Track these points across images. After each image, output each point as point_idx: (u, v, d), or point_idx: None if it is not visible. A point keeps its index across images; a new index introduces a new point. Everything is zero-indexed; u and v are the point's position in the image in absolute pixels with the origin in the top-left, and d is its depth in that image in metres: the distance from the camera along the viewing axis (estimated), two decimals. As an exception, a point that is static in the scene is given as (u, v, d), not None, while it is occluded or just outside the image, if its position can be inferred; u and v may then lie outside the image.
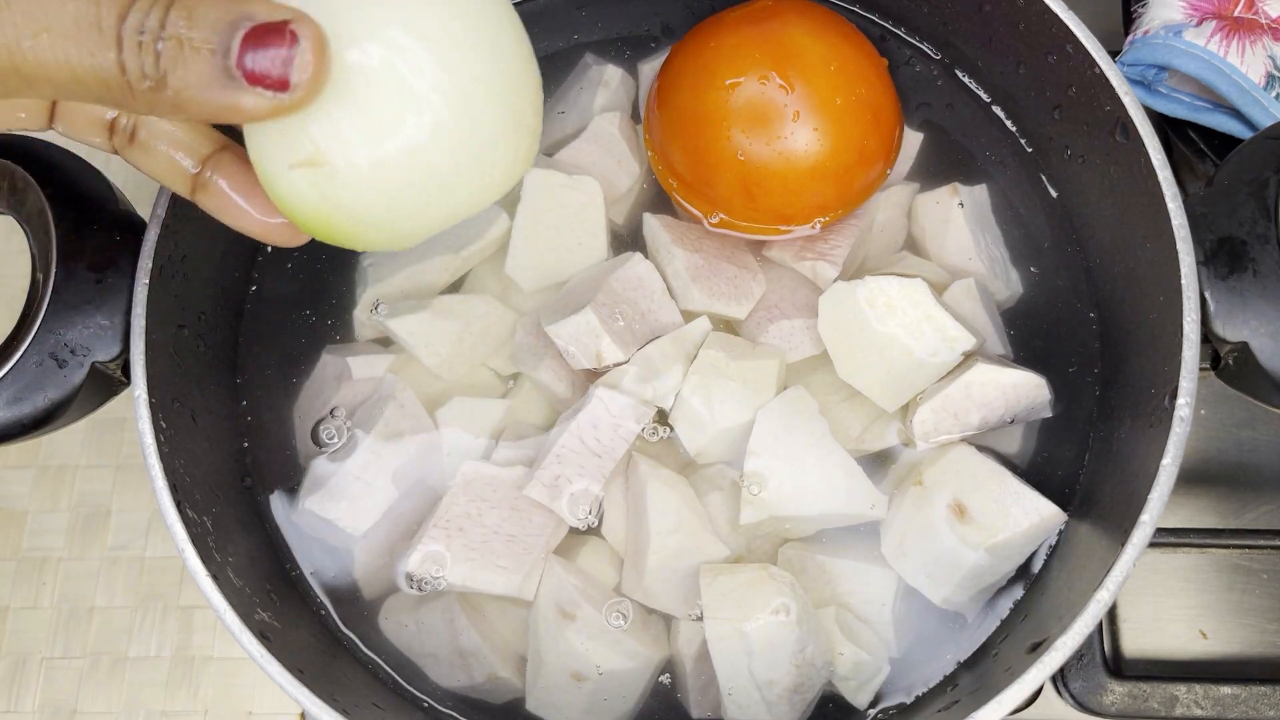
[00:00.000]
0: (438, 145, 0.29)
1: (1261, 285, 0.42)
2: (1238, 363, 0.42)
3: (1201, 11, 0.57)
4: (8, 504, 0.64)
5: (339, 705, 0.41)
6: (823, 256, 0.51)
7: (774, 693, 0.45)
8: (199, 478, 0.45)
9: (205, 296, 0.49)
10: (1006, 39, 0.51)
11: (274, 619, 0.44)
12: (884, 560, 0.47)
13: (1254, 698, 0.54)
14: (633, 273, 0.49)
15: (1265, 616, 0.58)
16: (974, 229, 0.52)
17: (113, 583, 0.62)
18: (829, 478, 0.47)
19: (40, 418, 0.43)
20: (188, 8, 0.27)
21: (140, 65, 0.27)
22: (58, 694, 0.61)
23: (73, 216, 0.44)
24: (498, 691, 0.48)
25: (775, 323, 0.49)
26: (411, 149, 0.29)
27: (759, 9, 0.50)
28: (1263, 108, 0.55)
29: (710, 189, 0.50)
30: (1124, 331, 0.49)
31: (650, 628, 0.47)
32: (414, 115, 0.29)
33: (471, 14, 0.29)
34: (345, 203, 0.30)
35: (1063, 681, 0.55)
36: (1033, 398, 0.48)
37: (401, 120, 0.29)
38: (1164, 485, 0.41)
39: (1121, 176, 0.47)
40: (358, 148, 0.29)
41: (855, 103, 0.48)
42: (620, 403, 0.47)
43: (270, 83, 0.27)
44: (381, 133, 0.29)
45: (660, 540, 0.46)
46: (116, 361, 0.44)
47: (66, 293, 0.43)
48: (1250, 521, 0.59)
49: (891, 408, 0.48)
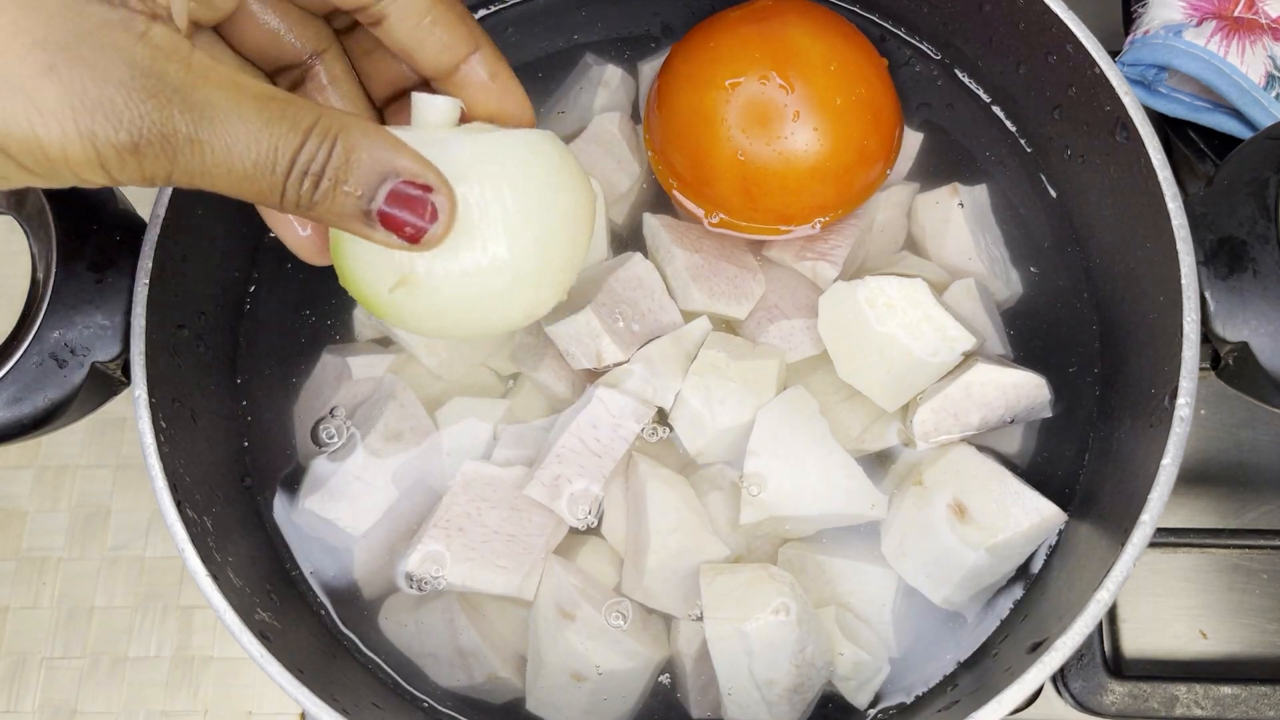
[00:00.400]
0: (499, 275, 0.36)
1: (1261, 285, 0.42)
2: (1238, 363, 0.42)
3: (1201, 11, 0.57)
4: (8, 504, 0.64)
5: (339, 705, 0.41)
6: (823, 256, 0.51)
7: (774, 693, 0.45)
8: (199, 478, 0.45)
9: (205, 296, 0.49)
10: (1006, 39, 0.51)
11: (274, 619, 0.44)
12: (884, 560, 0.47)
13: (1254, 698, 0.54)
14: (632, 273, 0.49)
15: (1265, 616, 0.58)
16: (974, 229, 0.51)
17: (113, 583, 0.62)
18: (829, 478, 0.47)
19: (40, 418, 0.43)
20: (347, 151, 0.31)
21: (297, 194, 0.31)
22: (58, 694, 0.61)
23: (73, 216, 0.44)
24: (498, 691, 0.48)
25: (775, 323, 0.49)
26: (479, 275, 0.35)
27: (759, 9, 0.50)
28: (1263, 108, 0.55)
29: (710, 189, 0.50)
30: (1124, 331, 0.49)
31: (650, 628, 0.47)
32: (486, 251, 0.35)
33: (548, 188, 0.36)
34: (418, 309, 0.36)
35: (1063, 681, 0.55)
36: (1033, 398, 0.48)
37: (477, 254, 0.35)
38: (1164, 485, 0.41)
39: (1121, 176, 0.47)
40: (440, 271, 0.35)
41: (855, 103, 0.48)
42: (620, 402, 0.47)
43: (403, 235, 0.33)
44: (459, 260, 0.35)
45: (660, 540, 0.46)
46: (116, 361, 0.44)
47: (66, 293, 0.43)
48: (1250, 521, 0.59)
49: (891, 408, 0.48)
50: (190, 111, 0.28)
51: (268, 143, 0.30)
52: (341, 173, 0.31)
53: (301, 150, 0.30)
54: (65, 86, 0.26)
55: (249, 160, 0.29)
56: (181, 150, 0.28)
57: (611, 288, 0.48)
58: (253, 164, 0.30)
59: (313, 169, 0.31)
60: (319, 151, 0.31)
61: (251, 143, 0.29)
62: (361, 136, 0.32)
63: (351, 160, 0.31)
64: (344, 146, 0.31)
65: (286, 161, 0.30)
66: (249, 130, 0.29)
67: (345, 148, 0.31)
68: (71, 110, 0.26)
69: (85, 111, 0.27)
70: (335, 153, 0.31)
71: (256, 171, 0.30)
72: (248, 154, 0.29)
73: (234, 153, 0.29)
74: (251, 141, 0.29)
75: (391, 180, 0.32)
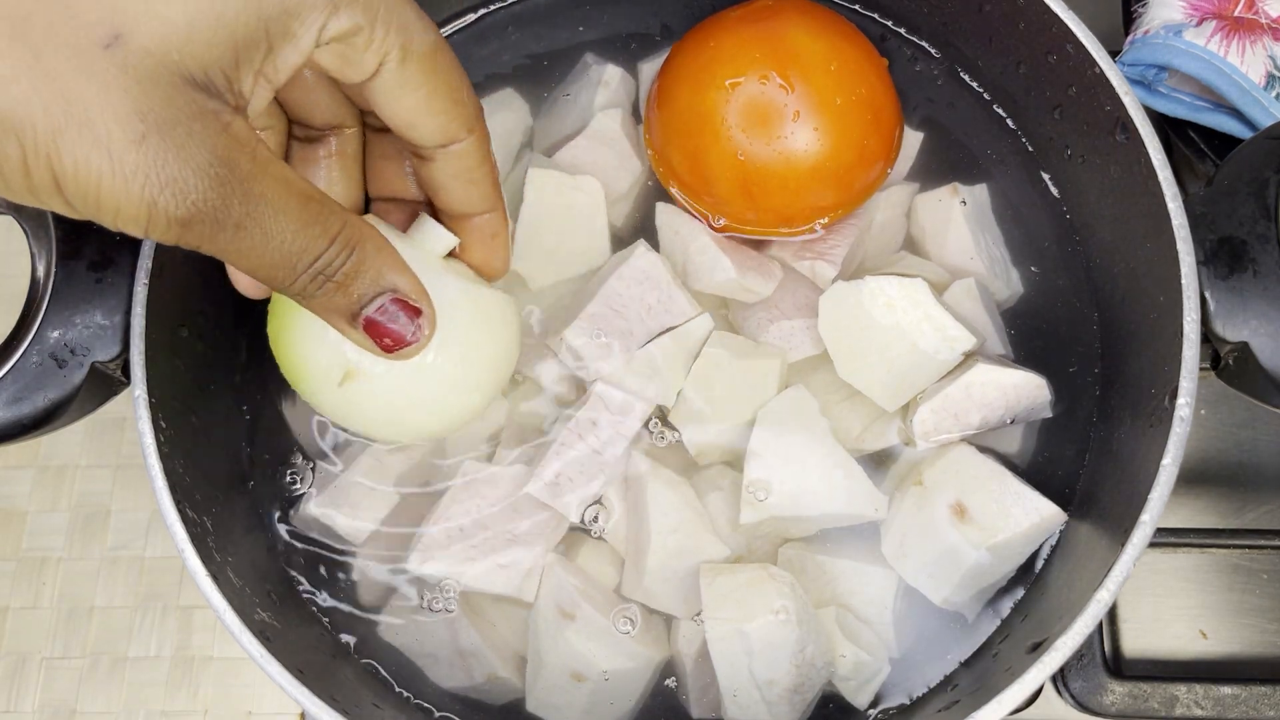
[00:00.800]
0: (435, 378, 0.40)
1: (1261, 285, 0.42)
2: (1238, 363, 0.42)
3: (1201, 11, 0.57)
4: (8, 504, 0.64)
5: (339, 705, 0.41)
6: (822, 256, 0.51)
7: (774, 693, 0.45)
8: (199, 478, 0.45)
9: (205, 296, 0.49)
10: (1006, 39, 0.51)
11: (274, 619, 0.44)
12: (884, 560, 0.47)
13: (1254, 698, 0.54)
14: (637, 266, 0.49)
15: (1265, 616, 0.58)
16: (974, 229, 0.51)
17: (113, 583, 0.62)
18: (830, 478, 0.47)
19: (40, 418, 0.43)
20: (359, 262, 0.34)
21: (304, 286, 0.34)
22: (58, 694, 0.61)
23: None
24: (498, 692, 0.48)
25: (775, 323, 0.49)
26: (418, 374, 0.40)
27: (759, 9, 0.50)
28: (1263, 108, 0.55)
29: (710, 190, 0.50)
30: (1124, 331, 0.49)
31: (650, 628, 0.47)
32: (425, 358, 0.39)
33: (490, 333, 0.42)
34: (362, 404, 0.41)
35: (1063, 681, 0.55)
36: (1033, 398, 0.48)
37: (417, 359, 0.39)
38: (1164, 485, 0.41)
39: (1121, 176, 0.47)
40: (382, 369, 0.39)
41: (855, 102, 0.48)
42: (621, 400, 0.47)
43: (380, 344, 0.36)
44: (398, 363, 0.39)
45: (660, 540, 0.46)
46: (116, 361, 0.44)
47: (66, 293, 0.43)
48: (1250, 521, 0.59)
49: (892, 407, 0.48)
50: (247, 203, 0.31)
51: (300, 242, 0.33)
52: (348, 279, 0.34)
53: (324, 254, 0.33)
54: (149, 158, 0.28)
55: (279, 252, 0.32)
56: (225, 231, 0.31)
57: (613, 287, 0.48)
58: (281, 256, 0.32)
59: (326, 271, 0.34)
60: (337, 258, 0.34)
61: (286, 238, 0.32)
62: (375, 252, 0.35)
63: (360, 270, 0.35)
64: (358, 257, 0.34)
65: (309, 261, 0.33)
66: (287, 227, 0.32)
67: (359, 259, 0.34)
68: (145, 178, 0.29)
69: (157, 183, 0.29)
70: (350, 261, 0.34)
71: (281, 262, 0.33)
72: (280, 247, 0.32)
73: (269, 244, 0.32)
74: (287, 237, 0.32)
75: (387, 296, 0.36)
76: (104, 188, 0.29)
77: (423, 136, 0.37)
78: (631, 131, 0.54)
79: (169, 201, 0.29)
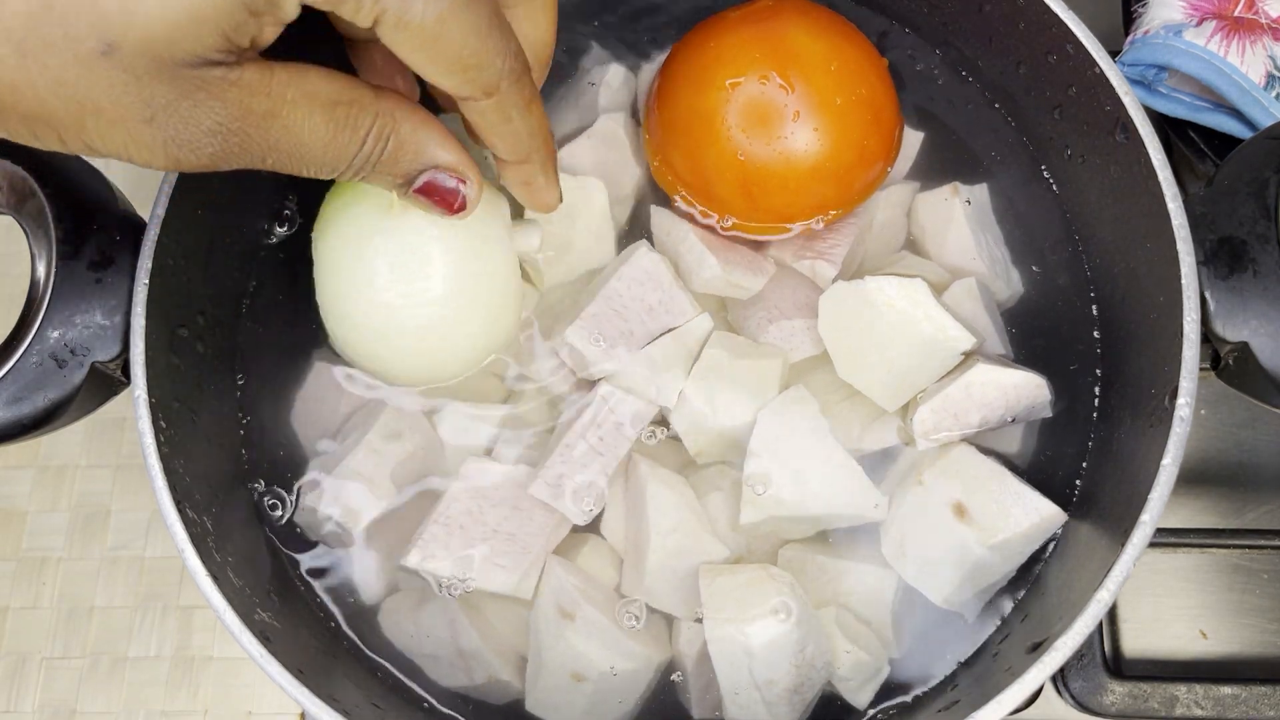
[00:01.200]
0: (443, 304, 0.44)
1: (1261, 285, 0.42)
2: (1238, 363, 0.42)
3: (1201, 11, 0.57)
4: (8, 504, 0.64)
5: (339, 705, 0.41)
6: (821, 255, 0.51)
7: (774, 693, 0.45)
8: (199, 478, 0.45)
9: (205, 296, 0.49)
10: (1006, 39, 0.51)
11: (274, 619, 0.44)
12: (884, 560, 0.47)
13: (1254, 698, 0.54)
14: (639, 266, 0.49)
15: (1265, 616, 0.58)
16: (974, 229, 0.51)
17: (113, 583, 0.62)
18: (830, 478, 0.47)
19: (40, 418, 0.43)
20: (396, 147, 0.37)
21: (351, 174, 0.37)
22: (58, 694, 0.61)
23: (73, 216, 0.44)
24: (498, 692, 0.48)
25: (775, 323, 0.49)
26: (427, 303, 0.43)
27: (759, 9, 0.50)
28: (1263, 108, 0.55)
29: (710, 190, 0.50)
30: (1124, 331, 0.49)
31: (651, 628, 0.47)
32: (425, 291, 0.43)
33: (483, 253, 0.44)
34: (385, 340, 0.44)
35: (1063, 681, 0.55)
36: (1033, 398, 0.48)
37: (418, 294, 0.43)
38: (1164, 485, 0.41)
39: (1121, 176, 0.47)
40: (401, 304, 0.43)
41: (855, 102, 0.48)
42: (623, 402, 0.47)
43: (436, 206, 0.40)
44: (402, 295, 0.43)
45: (660, 540, 0.46)
46: (116, 361, 0.44)
47: (66, 293, 0.43)
48: (1250, 521, 0.59)
49: (892, 407, 0.48)
50: (268, 134, 0.34)
51: (334, 148, 0.35)
52: (390, 163, 0.37)
53: (359, 152, 0.36)
54: (161, 132, 0.33)
55: (317, 160, 0.36)
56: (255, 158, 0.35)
57: (614, 287, 0.48)
58: (319, 161, 0.36)
59: (367, 163, 0.37)
60: (374, 150, 0.37)
61: (318, 147, 0.35)
62: (412, 132, 0.37)
63: (399, 154, 0.37)
64: (395, 143, 0.37)
65: (348, 159, 0.36)
66: (317, 139, 0.35)
67: (395, 144, 0.37)
68: (163, 145, 0.33)
69: (175, 145, 0.33)
70: (388, 149, 0.37)
71: (320, 165, 0.36)
72: (316, 156, 0.35)
73: (306, 154, 0.35)
74: (318, 147, 0.35)
75: (429, 172, 0.38)
76: (132, 154, 0.33)
77: (437, 88, 0.38)
78: (634, 133, 0.54)
79: (189, 157, 0.33)
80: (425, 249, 0.43)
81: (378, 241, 0.43)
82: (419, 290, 0.43)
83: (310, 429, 0.50)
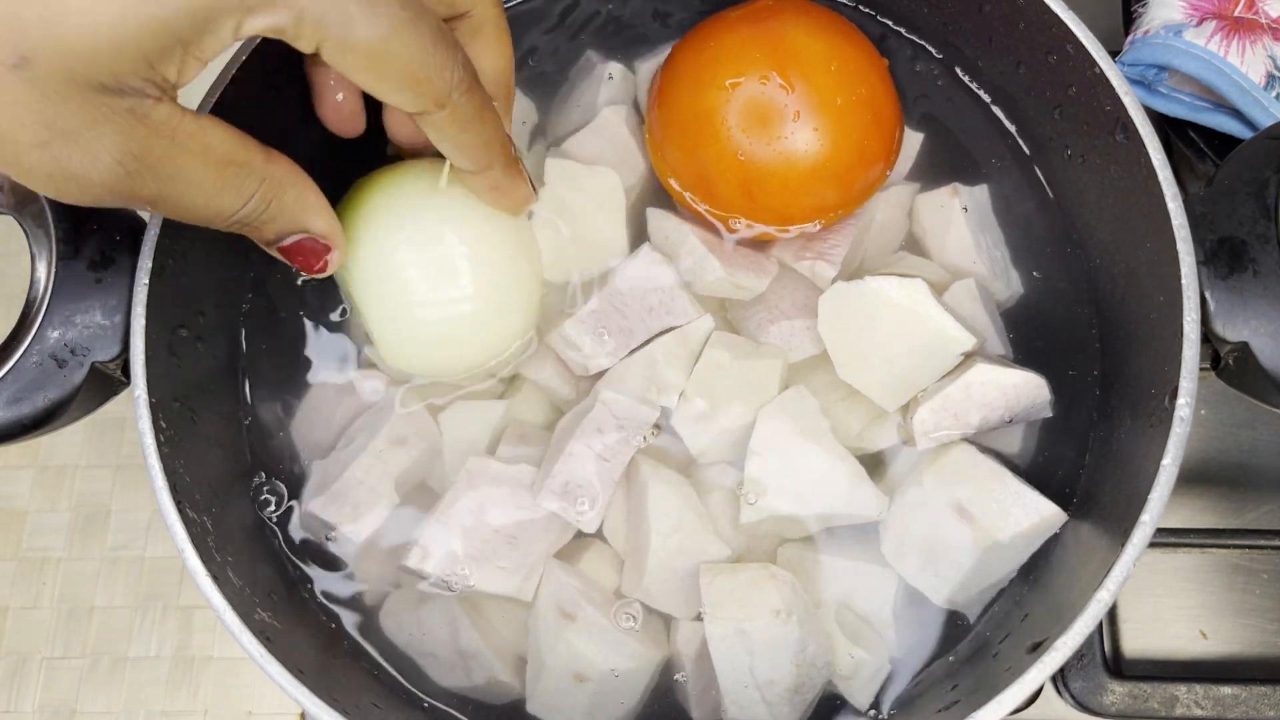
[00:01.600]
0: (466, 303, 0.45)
1: (1261, 285, 0.42)
2: (1238, 363, 0.42)
3: (1201, 11, 0.57)
4: (8, 504, 0.64)
5: (339, 705, 0.41)
6: (821, 256, 0.51)
7: (774, 693, 0.45)
8: (199, 478, 0.45)
9: (205, 296, 0.49)
10: (1006, 39, 0.51)
11: (274, 619, 0.44)
12: (884, 560, 0.47)
13: (1254, 698, 0.54)
14: (641, 267, 0.49)
15: (1265, 616, 0.58)
16: (974, 229, 0.51)
17: (113, 583, 0.62)
18: (830, 478, 0.47)
19: (40, 418, 0.43)
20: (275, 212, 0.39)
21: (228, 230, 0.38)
22: (58, 694, 0.61)
23: (73, 216, 0.44)
24: (497, 693, 0.48)
25: (775, 323, 0.49)
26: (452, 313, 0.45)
27: (759, 9, 0.50)
28: (1263, 108, 0.55)
29: (710, 189, 0.50)
30: (1124, 331, 0.49)
31: (650, 628, 0.47)
32: (457, 286, 0.45)
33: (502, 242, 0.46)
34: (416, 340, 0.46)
35: (1063, 681, 0.55)
36: (1033, 398, 0.48)
37: (451, 288, 0.45)
38: (1164, 485, 0.41)
39: (1121, 176, 0.47)
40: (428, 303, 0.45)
41: (856, 102, 0.48)
42: (625, 406, 0.47)
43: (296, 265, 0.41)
44: (436, 298, 0.45)
45: (661, 540, 0.46)
46: (116, 361, 0.44)
47: (66, 293, 0.43)
48: (1250, 521, 0.59)
49: (891, 407, 0.48)
50: (159, 181, 0.34)
51: (215, 205, 0.36)
52: (265, 225, 0.39)
53: (239, 212, 0.37)
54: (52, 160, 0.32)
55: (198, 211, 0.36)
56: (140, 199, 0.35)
57: (615, 286, 0.48)
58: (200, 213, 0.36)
59: (244, 221, 0.38)
60: (253, 211, 0.38)
61: (201, 200, 0.36)
62: (294, 200, 0.39)
63: (276, 216, 0.39)
64: (275, 208, 0.38)
65: (226, 216, 0.37)
66: (201, 194, 0.36)
67: (276, 209, 0.38)
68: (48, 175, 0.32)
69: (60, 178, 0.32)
70: (267, 212, 0.38)
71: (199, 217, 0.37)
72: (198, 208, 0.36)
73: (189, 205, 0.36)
74: (202, 200, 0.36)
75: (298, 235, 0.40)
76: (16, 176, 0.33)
77: (387, 103, 0.39)
78: (636, 128, 0.54)
79: (75, 192, 0.33)
80: (454, 248, 0.44)
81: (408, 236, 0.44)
82: (451, 286, 0.45)
83: (312, 429, 0.50)
